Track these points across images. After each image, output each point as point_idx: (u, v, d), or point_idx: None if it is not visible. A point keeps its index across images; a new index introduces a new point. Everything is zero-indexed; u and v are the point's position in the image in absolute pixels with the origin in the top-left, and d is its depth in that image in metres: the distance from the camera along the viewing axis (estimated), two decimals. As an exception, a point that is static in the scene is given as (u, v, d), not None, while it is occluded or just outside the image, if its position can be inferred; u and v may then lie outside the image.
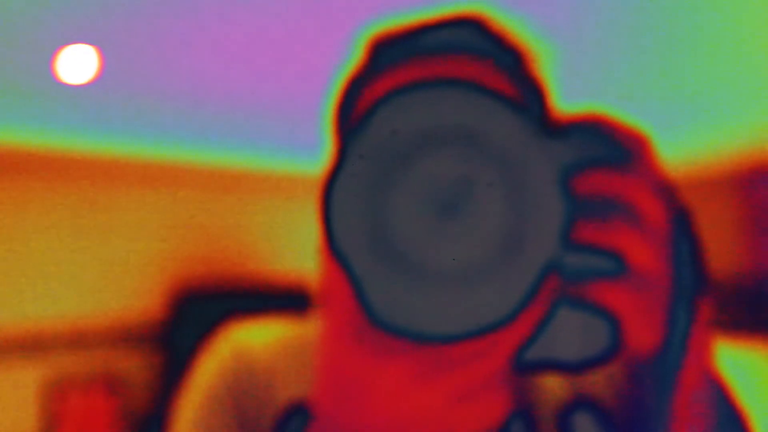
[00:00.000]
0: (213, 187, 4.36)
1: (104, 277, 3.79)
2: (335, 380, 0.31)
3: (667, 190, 0.34)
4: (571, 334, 0.34)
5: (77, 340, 3.64)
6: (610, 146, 0.34)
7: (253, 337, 0.58)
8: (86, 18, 1.75)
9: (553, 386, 0.54)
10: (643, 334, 0.33)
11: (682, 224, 0.35)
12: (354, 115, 0.57)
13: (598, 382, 0.55)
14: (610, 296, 0.32)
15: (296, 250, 4.77)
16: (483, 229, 0.27)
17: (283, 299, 4.23)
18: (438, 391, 0.29)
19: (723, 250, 4.91)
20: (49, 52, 2.00)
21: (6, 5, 1.63)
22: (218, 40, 1.96)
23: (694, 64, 2.40)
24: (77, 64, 2.06)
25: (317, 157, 3.92)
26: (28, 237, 3.54)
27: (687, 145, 4.20)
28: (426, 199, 0.27)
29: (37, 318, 3.52)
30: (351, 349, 0.30)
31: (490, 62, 0.53)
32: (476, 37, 0.52)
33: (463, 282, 0.27)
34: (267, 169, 4.35)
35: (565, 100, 2.94)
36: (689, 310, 0.33)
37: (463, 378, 0.29)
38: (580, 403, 0.53)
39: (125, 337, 3.84)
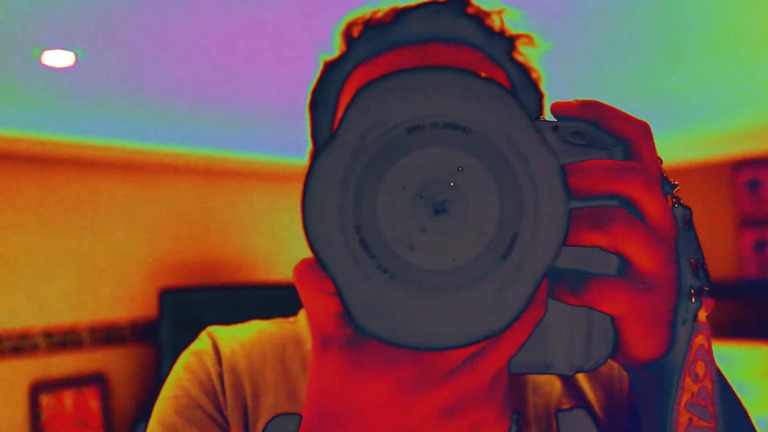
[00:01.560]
0: (204, 182, 4.33)
1: (94, 276, 3.76)
2: (320, 390, 0.29)
3: (668, 186, 0.33)
4: (566, 336, 0.32)
5: (67, 340, 3.61)
6: (608, 137, 0.32)
7: (235, 336, 0.56)
8: (74, 9, 1.72)
9: (546, 386, 0.53)
10: (645, 335, 0.31)
11: (682, 222, 0.33)
12: (334, 103, 0.55)
13: (595, 383, 0.54)
14: (608, 298, 0.30)
15: (288, 248, 4.75)
16: (477, 228, 0.25)
17: (274, 297, 4.22)
18: (428, 403, 0.27)
19: (717, 249, 4.94)
20: (35, 43, 1.97)
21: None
22: (208, 32, 1.94)
23: (683, 63, 2.41)
24: (61, 55, 2.03)
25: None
26: (14, 235, 3.50)
27: (679, 143, 4.22)
28: (413, 195, 0.25)
29: (26, 317, 3.48)
30: (335, 357, 0.28)
31: (476, 47, 0.51)
32: (460, 21, 0.50)
33: (456, 285, 0.25)
34: (260, 164, 4.33)
35: (555, 98, 2.94)
36: (691, 310, 0.32)
37: (455, 389, 0.27)
38: (575, 404, 0.52)
39: (115, 336, 3.81)
